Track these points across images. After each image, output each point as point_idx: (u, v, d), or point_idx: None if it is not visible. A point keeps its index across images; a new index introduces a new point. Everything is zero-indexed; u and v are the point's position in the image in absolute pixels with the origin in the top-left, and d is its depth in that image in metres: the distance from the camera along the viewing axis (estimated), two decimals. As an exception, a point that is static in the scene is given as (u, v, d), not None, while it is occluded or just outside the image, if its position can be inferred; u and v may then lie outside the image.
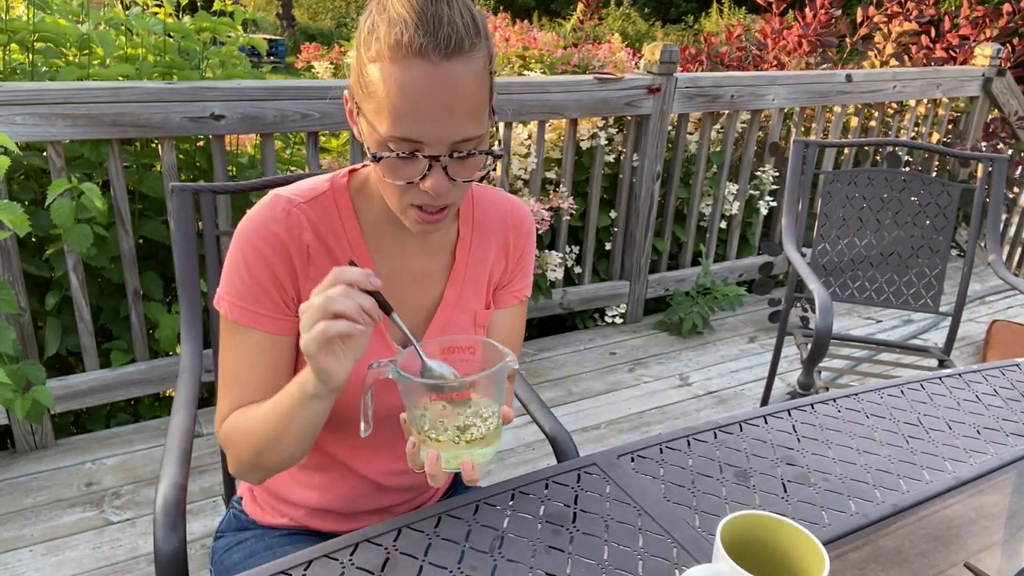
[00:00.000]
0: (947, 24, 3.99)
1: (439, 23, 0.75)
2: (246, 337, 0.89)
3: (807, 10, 3.72)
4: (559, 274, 2.88)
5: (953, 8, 4.16)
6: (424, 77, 0.75)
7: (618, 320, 3.22)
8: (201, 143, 2.39)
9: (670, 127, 3.04)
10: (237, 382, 0.91)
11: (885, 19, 3.84)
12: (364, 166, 0.94)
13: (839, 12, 3.72)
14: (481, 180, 0.87)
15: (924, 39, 3.94)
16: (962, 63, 3.98)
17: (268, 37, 14.09)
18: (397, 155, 0.79)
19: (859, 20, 3.88)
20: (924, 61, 3.94)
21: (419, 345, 0.81)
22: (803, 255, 2.15)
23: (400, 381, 0.77)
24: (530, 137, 2.79)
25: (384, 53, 0.76)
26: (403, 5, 0.76)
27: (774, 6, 3.85)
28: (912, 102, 3.75)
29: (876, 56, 3.97)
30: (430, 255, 0.97)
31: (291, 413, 0.82)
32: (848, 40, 3.88)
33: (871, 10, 3.84)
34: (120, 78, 2.12)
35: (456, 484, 1.21)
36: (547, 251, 2.86)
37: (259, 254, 0.87)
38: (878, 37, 3.94)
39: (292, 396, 0.82)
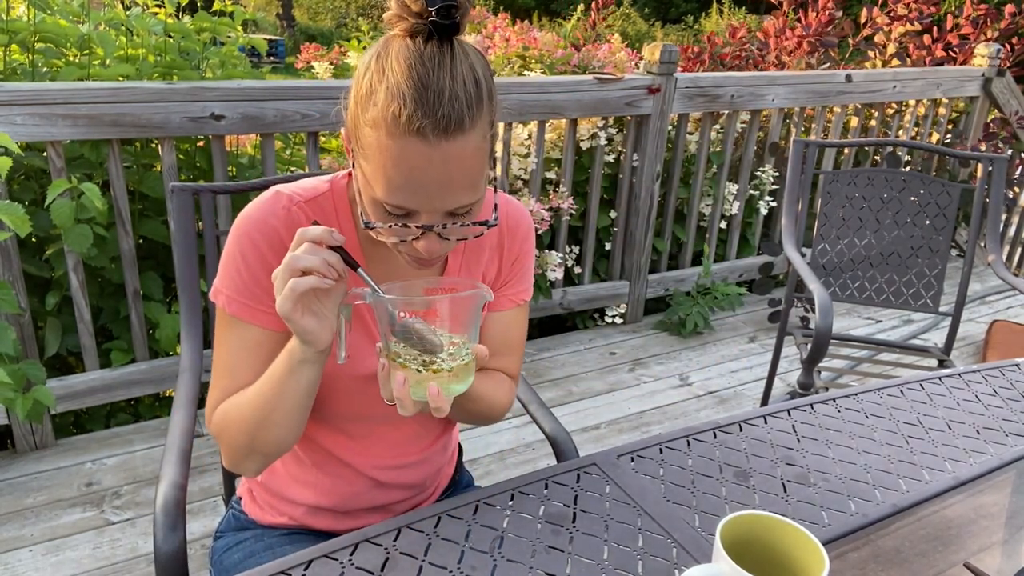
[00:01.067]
0: (949, 23, 3.99)
1: (439, 100, 0.73)
2: (243, 331, 0.89)
3: (809, 10, 3.72)
4: (559, 274, 2.88)
5: (954, 8, 4.15)
6: (420, 157, 0.74)
7: (618, 320, 3.22)
8: (201, 143, 2.39)
9: (670, 127, 3.04)
10: (230, 374, 0.91)
11: (888, 20, 3.84)
12: None
13: (840, 13, 3.72)
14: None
15: (926, 39, 3.95)
16: (962, 63, 3.98)
17: (268, 37, 14.10)
18: (390, 224, 0.79)
19: (863, 21, 3.88)
20: (924, 61, 3.94)
21: (382, 290, 0.78)
22: (803, 255, 2.15)
23: (374, 304, 0.77)
24: (530, 137, 2.79)
25: (381, 125, 0.74)
26: (403, 75, 0.73)
27: (785, 4, 3.85)
28: (912, 102, 3.75)
29: (877, 56, 3.97)
30: None
31: (282, 383, 0.83)
32: (851, 40, 3.88)
33: (875, 11, 3.84)
34: (120, 78, 2.12)
35: (456, 484, 1.21)
36: (547, 251, 2.86)
37: (256, 249, 0.87)
38: (880, 38, 3.94)
39: (281, 365, 0.83)
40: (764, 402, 2.45)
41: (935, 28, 4.01)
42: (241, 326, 0.89)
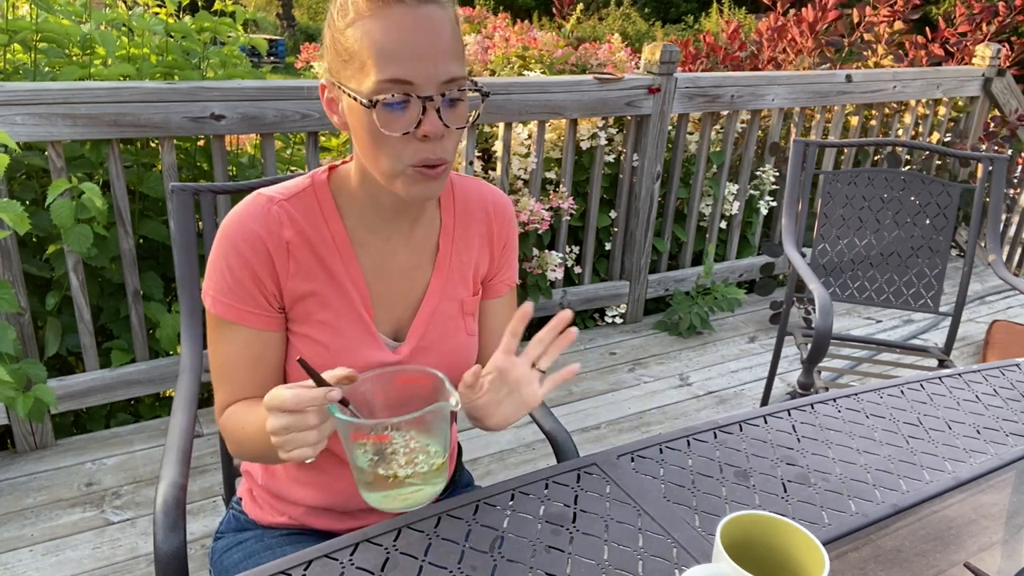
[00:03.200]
0: (942, 24, 4.00)
1: None
2: (231, 332, 0.91)
3: (806, 10, 3.72)
4: (559, 274, 2.88)
5: (952, 7, 4.15)
6: (406, 17, 0.78)
7: (618, 320, 3.22)
8: (201, 143, 2.39)
9: (670, 127, 3.04)
10: (227, 375, 0.93)
11: (882, 19, 3.84)
12: (344, 162, 0.95)
13: (836, 14, 3.72)
14: (486, 170, 0.88)
15: (920, 39, 3.95)
16: (960, 62, 3.98)
17: (268, 37, 14.10)
18: (391, 97, 0.79)
19: (856, 21, 3.88)
20: (921, 60, 3.94)
21: (355, 417, 0.78)
22: (803, 255, 2.15)
23: (335, 423, 0.77)
24: (530, 137, 2.79)
25: (362, 9, 0.79)
26: None
27: (779, 4, 3.85)
28: (912, 102, 3.75)
29: (872, 56, 3.97)
30: (414, 246, 0.97)
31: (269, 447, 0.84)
32: (845, 41, 3.89)
33: (867, 10, 3.84)
34: (122, 78, 2.12)
35: (456, 484, 1.21)
36: (547, 251, 2.86)
37: (239, 252, 0.88)
38: (870, 37, 3.95)
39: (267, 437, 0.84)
40: (764, 402, 2.45)
41: (927, 28, 4.01)
42: (229, 327, 0.91)
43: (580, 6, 3.65)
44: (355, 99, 0.82)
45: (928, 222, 2.20)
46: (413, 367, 0.87)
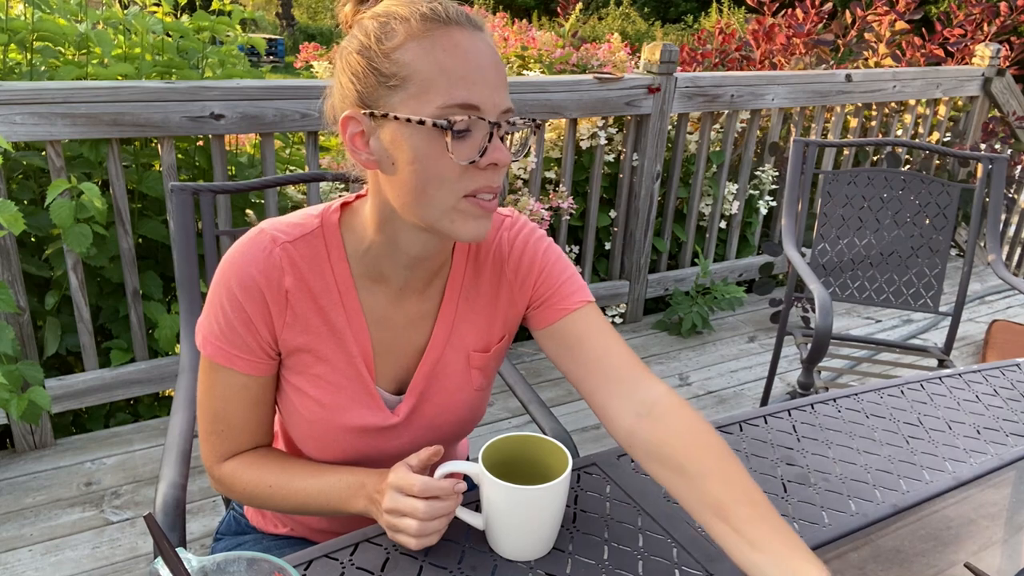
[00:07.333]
0: (938, 26, 4.00)
1: (452, 4, 0.77)
2: (226, 376, 0.86)
3: (798, 10, 3.72)
4: (559, 274, 2.87)
5: (949, 7, 4.16)
6: (468, 41, 0.75)
7: (618, 320, 3.22)
8: (200, 142, 2.39)
9: (670, 127, 3.04)
10: (223, 423, 0.89)
11: (877, 17, 3.84)
12: (358, 197, 0.88)
13: (827, 13, 3.72)
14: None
15: (917, 40, 3.95)
16: (960, 62, 3.98)
17: (267, 36, 14.10)
18: (451, 117, 0.73)
19: (849, 21, 3.88)
20: (922, 60, 3.94)
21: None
22: (803, 255, 2.15)
23: None
24: (530, 137, 2.78)
25: (416, 31, 0.74)
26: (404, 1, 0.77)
27: (766, 7, 3.85)
28: (912, 102, 3.75)
29: (872, 56, 3.97)
30: (422, 295, 0.91)
31: (326, 509, 0.87)
32: (840, 41, 3.89)
33: (859, 11, 3.84)
34: (119, 77, 2.12)
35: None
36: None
37: (234, 297, 0.83)
38: (870, 36, 3.94)
39: (334, 502, 0.85)
40: (764, 402, 2.45)
41: (924, 28, 4.01)
42: (224, 371, 0.86)
43: (579, 5, 3.64)
44: (420, 123, 0.74)
45: (928, 222, 2.20)
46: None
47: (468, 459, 1.24)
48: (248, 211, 2.38)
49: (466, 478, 1.24)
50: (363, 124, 0.79)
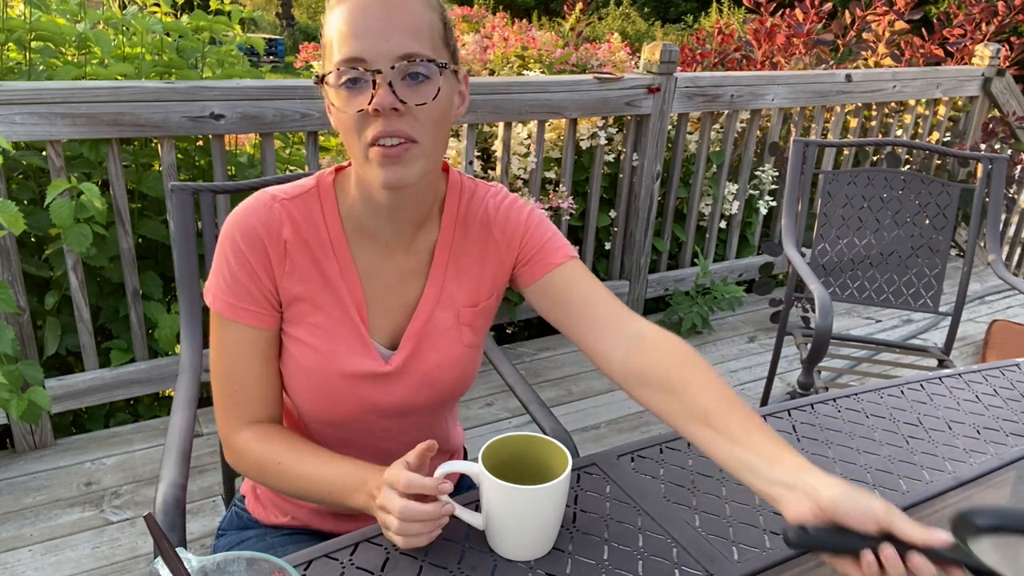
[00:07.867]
0: (937, 25, 4.00)
1: None
2: (235, 332, 0.90)
3: (797, 10, 3.72)
4: (559, 274, 2.87)
5: (954, 6, 4.16)
6: (361, 1, 0.80)
7: (618, 320, 3.21)
8: (200, 142, 2.39)
9: (670, 127, 3.04)
10: (236, 382, 0.92)
11: (876, 17, 3.84)
12: (350, 164, 0.93)
13: (835, 10, 3.72)
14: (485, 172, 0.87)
15: (916, 39, 3.95)
16: (960, 62, 3.98)
17: (267, 36, 14.10)
18: (339, 72, 0.80)
19: (849, 21, 3.88)
20: (921, 60, 3.94)
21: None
22: (803, 255, 2.15)
23: None
24: (530, 137, 2.78)
25: (334, 1, 0.82)
26: None
27: (763, 8, 3.85)
28: (912, 102, 3.75)
29: (872, 56, 3.97)
30: (412, 252, 0.96)
31: (327, 499, 0.88)
32: (840, 41, 3.88)
33: (858, 11, 3.84)
34: (119, 77, 2.12)
35: (457, 484, 1.21)
36: (547, 251, 2.85)
37: (238, 248, 0.88)
38: (868, 36, 3.94)
39: (337, 494, 0.86)
40: (764, 402, 2.45)
41: (923, 28, 4.01)
42: (231, 325, 0.90)
43: (579, 5, 3.64)
44: (320, 81, 0.84)
45: (928, 222, 2.20)
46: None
47: (466, 454, 1.24)
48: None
49: (466, 478, 1.24)
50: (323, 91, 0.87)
